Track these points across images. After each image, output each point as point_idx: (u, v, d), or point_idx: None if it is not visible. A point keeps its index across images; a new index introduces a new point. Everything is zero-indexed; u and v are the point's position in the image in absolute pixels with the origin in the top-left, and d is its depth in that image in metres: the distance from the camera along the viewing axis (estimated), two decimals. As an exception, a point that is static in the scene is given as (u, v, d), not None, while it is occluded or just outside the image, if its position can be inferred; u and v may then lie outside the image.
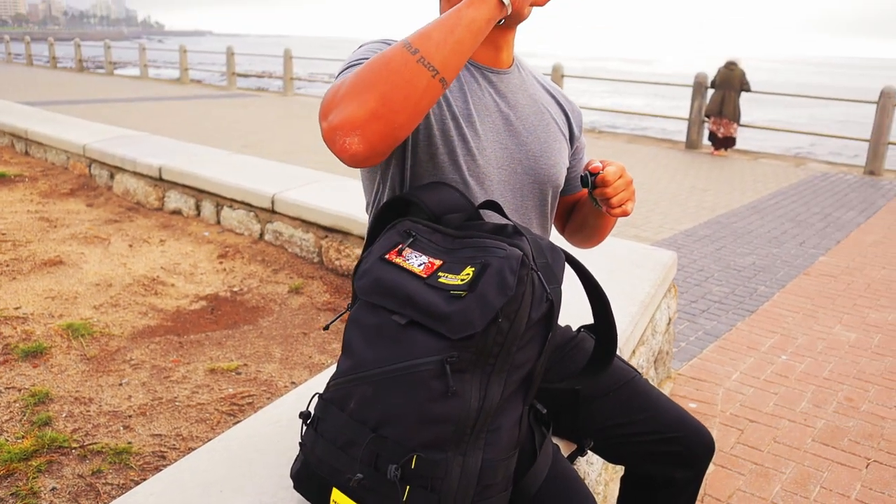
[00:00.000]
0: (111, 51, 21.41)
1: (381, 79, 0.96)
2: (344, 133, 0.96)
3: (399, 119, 0.97)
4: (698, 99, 10.34)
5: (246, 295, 3.42)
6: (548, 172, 1.35)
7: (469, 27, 1.01)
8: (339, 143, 0.96)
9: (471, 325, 0.96)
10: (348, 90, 0.97)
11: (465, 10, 1.01)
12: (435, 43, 0.98)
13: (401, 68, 0.96)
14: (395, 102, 0.96)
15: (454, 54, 0.99)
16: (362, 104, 0.95)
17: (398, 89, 0.96)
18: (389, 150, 1.00)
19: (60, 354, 2.70)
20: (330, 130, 0.97)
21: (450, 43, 0.99)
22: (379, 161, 1.02)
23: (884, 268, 4.83)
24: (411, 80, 0.96)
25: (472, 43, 1.02)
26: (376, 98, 0.95)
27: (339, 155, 0.98)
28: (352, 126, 0.95)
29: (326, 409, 1.07)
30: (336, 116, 0.96)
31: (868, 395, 3.00)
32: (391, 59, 0.97)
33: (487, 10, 1.02)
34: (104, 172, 5.21)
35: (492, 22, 1.04)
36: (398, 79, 0.96)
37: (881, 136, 8.40)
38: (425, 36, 0.99)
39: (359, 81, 0.97)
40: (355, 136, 0.95)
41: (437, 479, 0.98)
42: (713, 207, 6.57)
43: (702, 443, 1.42)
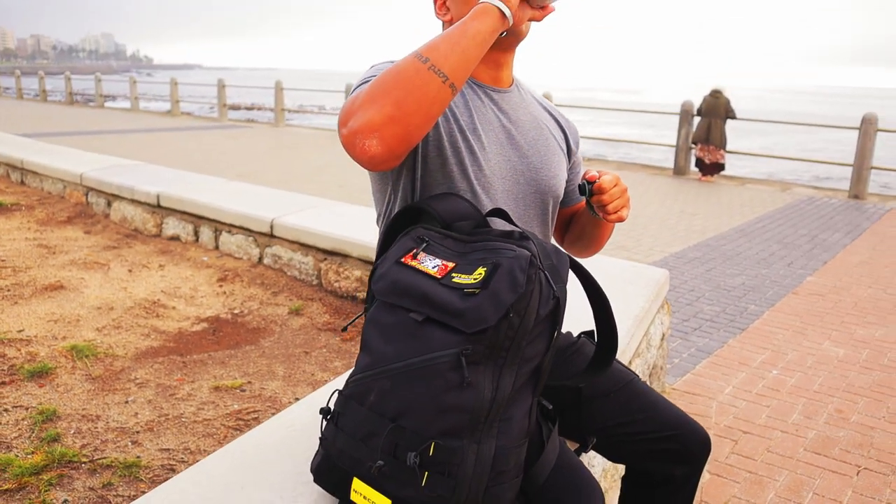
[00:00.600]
0: (102, 83, 21.56)
1: (395, 86, 1.05)
2: (364, 136, 1.04)
3: (414, 122, 1.05)
4: (685, 126, 10.53)
5: (247, 317, 3.47)
6: (548, 183, 1.43)
7: (474, 38, 1.10)
8: (359, 146, 1.04)
9: (484, 319, 1.03)
10: (366, 98, 1.06)
11: (470, 23, 1.11)
12: (443, 52, 1.08)
13: (413, 76, 1.05)
14: (409, 106, 1.04)
15: (461, 62, 1.09)
16: (380, 109, 1.04)
17: (412, 94, 1.05)
18: (405, 153, 1.09)
19: (65, 374, 2.74)
20: (350, 135, 1.05)
21: (457, 52, 1.08)
22: (395, 164, 1.10)
23: (870, 287, 4.93)
24: (423, 86, 1.05)
25: (478, 52, 1.11)
26: (392, 103, 1.04)
27: (360, 157, 1.06)
28: (370, 129, 1.04)
29: (346, 404, 1.14)
30: (356, 122, 1.05)
31: (857, 406, 3.07)
32: (404, 68, 1.07)
33: (491, 23, 1.12)
34: (101, 200, 5.26)
35: (495, 33, 1.13)
36: (411, 85, 1.05)
37: (864, 161, 8.59)
38: (434, 47, 1.09)
39: (375, 89, 1.06)
40: (374, 139, 1.04)
41: (453, 465, 1.04)
42: (702, 231, 6.69)
43: (698, 440, 1.49)
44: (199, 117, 19.37)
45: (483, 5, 1.13)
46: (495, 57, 1.36)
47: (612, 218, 1.34)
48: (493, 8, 1.13)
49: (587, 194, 1.32)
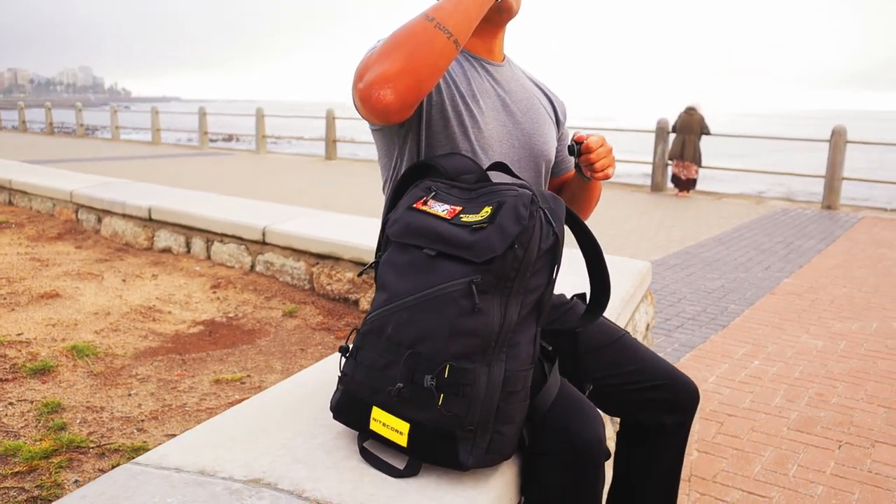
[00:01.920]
0: (82, 113, 21.57)
1: (405, 41, 1.18)
2: (379, 86, 1.15)
3: (423, 73, 1.17)
4: (661, 143, 10.78)
5: (241, 320, 3.53)
6: (541, 148, 1.55)
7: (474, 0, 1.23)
8: (374, 96, 1.16)
9: (492, 249, 1.14)
10: (379, 54, 1.18)
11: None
12: (447, 12, 1.21)
13: (421, 32, 1.18)
14: (419, 59, 1.17)
15: (464, 20, 1.22)
16: (393, 62, 1.16)
17: (421, 48, 1.17)
18: (416, 103, 1.20)
19: (67, 372, 2.78)
20: (366, 88, 1.17)
21: (460, 11, 1.22)
22: (407, 114, 1.22)
23: (845, 286, 5.10)
24: (431, 41, 1.18)
25: (477, 13, 1.25)
26: (404, 56, 1.16)
27: (375, 106, 1.17)
28: (385, 80, 1.15)
29: (365, 339, 1.23)
30: (371, 75, 1.17)
31: (837, 390, 3.19)
32: (413, 26, 1.19)
33: None
34: (92, 217, 5.31)
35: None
36: (420, 40, 1.18)
37: (835, 172, 8.85)
38: (439, 7, 1.22)
39: (387, 46, 1.18)
40: (388, 89, 1.15)
41: (466, 385, 1.13)
42: (681, 240, 6.86)
43: (687, 389, 1.59)
44: (181, 146, 19.42)
45: None
46: (489, 31, 1.49)
47: (599, 175, 1.46)
48: None
49: (576, 154, 1.44)
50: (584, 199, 1.64)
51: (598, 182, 1.63)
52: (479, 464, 1.15)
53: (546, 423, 1.24)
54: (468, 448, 1.14)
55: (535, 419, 1.24)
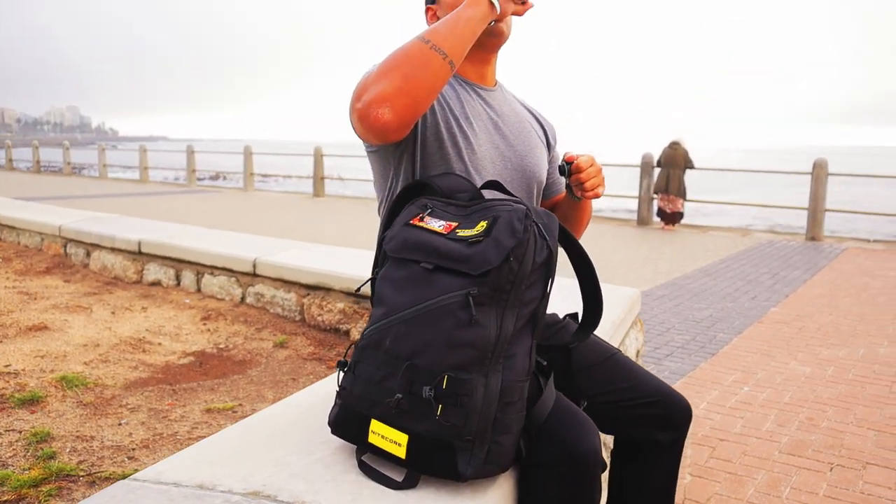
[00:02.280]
0: (69, 152, 21.58)
1: (402, 62, 1.22)
2: (377, 106, 1.19)
3: (420, 93, 1.21)
4: (646, 178, 10.92)
5: (232, 350, 3.52)
6: (532, 170, 1.59)
7: (468, 23, 1.28)
8: (373, 115, 1.19)
9: (488, 261, 1.16)
10: (377, 75, 1.22)
11: (464, 10, 1.30)
12: (442, 34, 1.26)
13: (418, 54, 1.23)
14: (415, 80, 1.21)
15: (458, 43, 1.26)
16: (391, 82, 1.20)
17: (418, 69, 1.21)
18: (412, 122, 1.24)
19: (56, 402, 2.76)
20: (364, 107, 1.21)
21: (454, 34, 1.26)
22: (404, 133, 1.25)
23: (831, 315, 5.15)
24: (427, 63, 1.22)
25: (471, 36, 1.29)
26: (401, 77, 1.20)
27: (374, 125, 1.20)
28: (383, 99, 1.19)
29: (363, 353, 1.24)
30: (369, 95, 1.20)
31: (826, 415, 3.21)
32: (409, 48, 1.24)
33: (482, 10, 1.31)
34: (80, 251, 5.30)
35: (485, 20, 1.31)
36: (416, 61, 1.22)
37: (818, 204, 8.99)
38: (434, 30, 1.26)
39: (384, 67, 1.22)
40: (386, 108, 1.19)
41: (464, 396, 1.14)
42: (668, 272, 6.91)
43: (680, 407, 1.60)
44: (169, 183, 19.45)
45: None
46: (481, 56, 1.54)
47: (589, 195, 1.50)
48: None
49: (566, 174, 1.48)
50: (576, 220, 1.68)
51: (588, 202, 1.66)
52: (477, 474, 1.16)
53: (542, 434, 1.25)
54: (466, 458, 1.15)
55: (532, 431, 1.25)
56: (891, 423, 3.10)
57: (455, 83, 1.54)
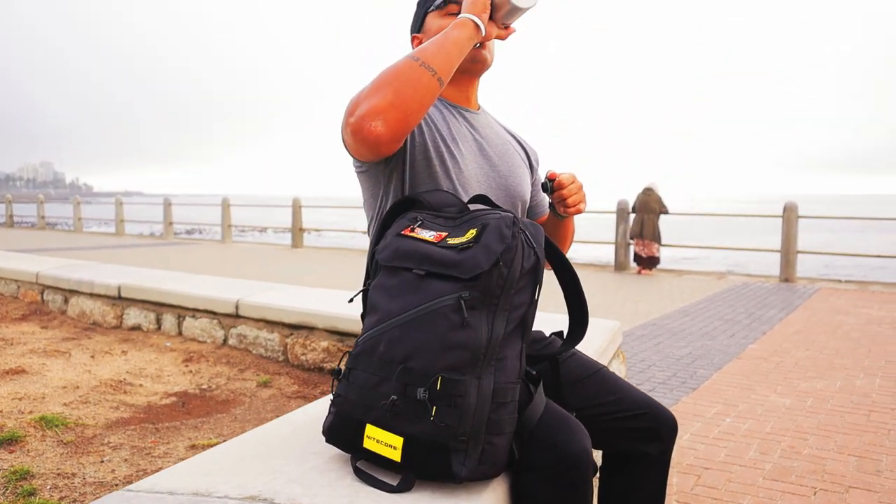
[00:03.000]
0: (43, 205, 21.43)
1: (394, 79, 1.28)
2: (370, 119, 1.25)
3: (411, 107, 1.27)
4: (622, 223, 11.10)
5: (215, 391, 3.49)
6: (516, 189, 1.65)
7: (455, 42, 1.36)
8: (366, 127, 1.25)
9: (479, 265, 1.20)
10: (369, 91, 1.28)
11: (451, 31, 1.37)
12: (431, 53, 1.33)
13: (408, 70, 1.29)
14: (407, 94, 1.27)
15: (446, 60, 1.33)
16: (383, 97, 1.26)
17: (408, 85, 1.28)
18: (404, 136, 1.30)
19: (36, 441, 2.71)
20: (357, 121, 1.26)
21: (442, 52, 1.33)
22: (395, 147, 1.31)
23: (808, 350, 5.23)
24: (417, 79, 1.28)
25: (458, 54, 1.36)
26: (393, 92, 1.26)
27: (367, 138, 1.26)
28: (376, 112, 1.25)
29: (357, 360, 1.27)
30: (362, 109, 1.26)
31: (808, 443, 3.24)
32: (400, 65, 1.30)
33: (468, 31, 1.38)
34: (58, 297, 5.25)
35: (471, 41, 1.39)
36: (407, 78, 1.28)
37: (790, 246, 9.18)
38: (423, 49, 1.34)
39: (376, 84, 1.28)
40: (378, 121, 1.25)
41: (458, 396, 1.17)
42: (647, 313, 6.99)
43: (665, 418, 1.64)
44: (146, 236, 19.34)
45: (461, 18, 1.39)
46: (465, 81, 1.62)
47: (571, 211, 1.56)
48: (470, 21, 1.39)
49: (549, 191, 1.54)
50: (560, 238, 1.73)
51: (571, 220, 1.72)
52: (471, 475, 1.18)
53: (534, 438, 1.28)
54: (461, 459, 1.17)
55: (524, 434, 1.28)
56: (871, 449, 3.14)
57: (441, 106, 1.60)
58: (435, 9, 1.60)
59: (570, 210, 1.56)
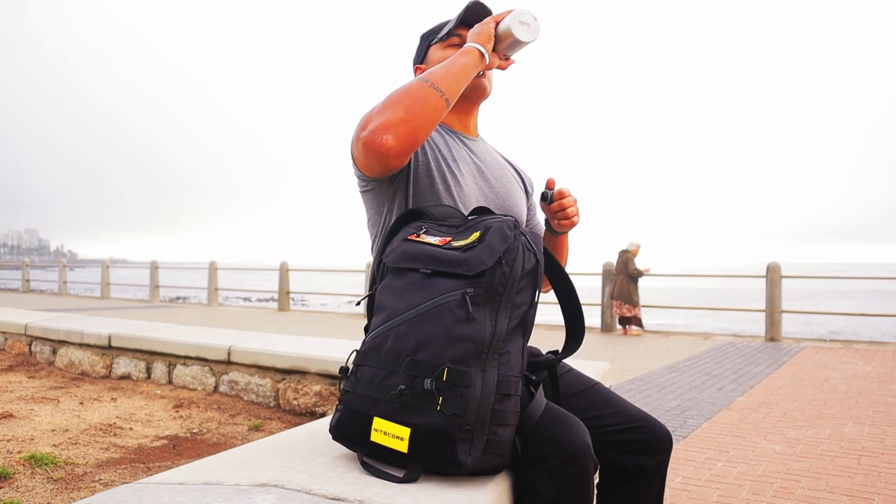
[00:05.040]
0: (28, 268, 21.31)
1: (405, 97, 1.38)
2: (381, 133, 1.34)
3: (420, 123, 1.36)
4: (608, 285, 11.21)
5: (206, 434, 3.47)
6: (513, 211, 1.73)
7: (462, 67, 1.46)
8: (377, 140, 1.34)
9: (483, 262, 1.27)
10: (381, 108, 1.37)
11: (458, 58, 1.48)
12: (440, 76, 1.43)
13: (418, 90, 1.39)
14: (416, 111, 1.36)
15: (453, 83, 1.44)
16: (394, 113, 1.35)
17: (418, 103, 1.37)
18: (411, 151, 1.39)
19: (25, 479, 2.68)
20: (370, 134, 1.36)
21: (450, 76, 1.44)
22: (403, 161, 1.40)
23: (795, 401, 5.27)
24: (426, 97, 1.38)
25: (464, 78, 1.46)
26: (404, 109, 1.35)
27: (378, 150, 1.35)
28: (387, 127, 1.34)
29: (365, 356, 1.32)
30: (374, 123, 1.36)
31: (800, 484, 3.26)
32: (410, 86, 1.40)
33: (473, 58, 1.49)
34: (46, 348, 5.22)
35: (476, 68, 1.49)
36: (417, 97, 1.38)
37: (774, 306, 9.30)
38: (433, 72, 1.44)
39: (388, 101, 1.38)
40: (390, 135, 1.34)
41: (464, 387, 1.22)
42: (634, 370, 7.01)
43: (660, 431, 1.68)
44: (132, 300, 19.22)
45: (467, 46, 1.50)
46: (465, 108, 1.72)
47: (566, 224, 1.64)
48: (475, 50, 1.50)
49: (549, 200, 1.63)
50: (557, 252, 1.80)
51: (565, 239, 1.80)
52: (476, 464, 1.22)
53: (536, 433, 1.32)
54: (466, 448, 1.21)
55: (526, 430, 1.32)
56: (862, 489, 3.16)
57: (442, 131, 1.70)
58: (438, 41, 1.71)
59: (565, 224, 1.64)
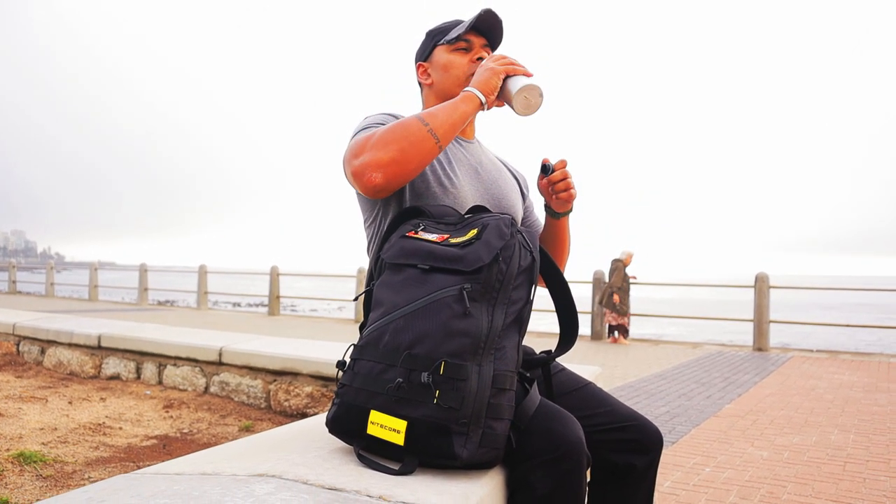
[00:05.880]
0: (14, 270, 21.16)
1: (401, 138, 1.42)
2: (371, 169, 1.39)
3: (410, 166, 1.42)
4: (598, 294, 11.25)
5: (196, 435, 3.46)
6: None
7: (462, 116, 1.50)
8: (366, 176, 1.40)
9: (480, 258, 1.29)
10: (378, 142, 1.41)
11: (459, 105, 1.51)
12: (440, 122, 1.46)
13: (416, 133, 1.43)
14: (409, 154, 1.40)
15: (450, 130, 1.48)
16: (388, 152, 1.39)
17: (413, 146, 1.41)
18: (398, 188, 1.45)
19: (14, 476, 2.67)
20: (360, 167, 1.41)
21: (448, 123, 1.47)
22: (387, 195, 1.44)
23: (782, 409, 5.31)
24: (422, 142, 1.42)
25: (461, 125, 1.52)
26: (397, 150, 1.39)
27: (365, 185, 1.41)
28: (378, 165, 1.38)
29: (363, 350, 1.33)
30: (366, 157, 1.41)
31: (786, 489, 3.29)
32: (409, 125, 1.44)
33: (474, 107, 1.53)
34: (34, 348, 5.20)
35: (475, 113, 1.54)
36: (414, 139, 1.42)
37: (762, 315, 9.37)
38: (433, 116, 1.47)
39: (386, 137, 1.42)
40: (379, 173, 1.39)
41: (460, 381, 1.24)
42: (624, 377, 7.04)
43: (652, 431, 1.70)
44: (120, 302, 19.11)
45: (471, 93, 1.53)
46: None
47: (565, 196, 1.68)
48: (477, 99, 1.52)
49: (549, 171, 1.65)
50: (559, 240, 1.80)
51: (566, 223, 1.80)
52: (472, 457, 1.23)
53: (530, 428, 1.34)
54: (462, 441, 1.23)
55: (521, 425, 1.33)
56: (848, 495, 3.19)
57: None
58: (445, 43, 1.72)
59: (564, 196, 1.66)
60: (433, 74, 1.73)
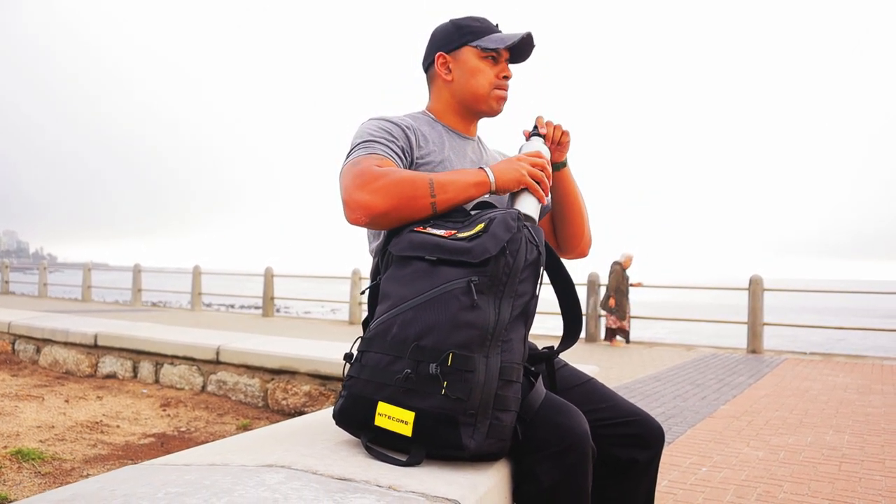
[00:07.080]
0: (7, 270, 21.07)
1: (403, 195, 1.43)
2: (361, 212, 1.42)
3: (400, 218, 1.44)
4: (593, 295, 11.28)
5: (194, 433, 3.46)
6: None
7: (468, 197, 1.50)
8: (356, 213, 1.43)
9: (487, 251, 1.30)
10: (382, 188, 1.42)
11: (472, 188, 1.50)
12: (447, 197, 1.46)
13: (418, 198, 1.44)
14: (402, 212, 1.43)
15: (452, 204, 1.48)
16: (383, 203, 1.41)
17: (409, 207, 1.43)
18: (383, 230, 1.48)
19: (12, 473, 2.67)
20: (352, 204, 1.43)
21: (454, 200, 1.47)
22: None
23: (777, 410, 5.33)
24: (420, 210, 1.44)
25: (464, 202, 1.50)
26: (394, 205, 1.42)
27: (350, 217, 1.45)
28: (369, 212, 1.42)
29: (371, 342, 1.34)
30: (361, 197, 1.42)
31: (782, 488, 3.30)
32: (414, 181, 1.44)
33: (483, 190, 1.52)
34: (30, 347, 5.18)
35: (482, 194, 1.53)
36: (413, 201, 1.43)
37: (756, 318, 9.41)
38: (443, 184, 1.46)
39: (391, 189, 1.42)
40: (368, 218, 1.43)
41: (468, 372, 1.25)
42: (618, 378, 7.06)
43: (653, 426, 1.71)
44: (113, 303, 19.05)
45: (486, 182, 1.51)
46: (469, 118, 1.77)
47: (566, 139, 1.70)
48: (489, 186, 1.51)
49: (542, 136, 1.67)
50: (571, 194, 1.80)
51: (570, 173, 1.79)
52: (479, 448, 1.24)
53: (536, 420, 1.35)
54: (469, 432, 1.24)
55: (527, 417, 1.34)
56: (844, 494, 3.21)
57: (444, 130, 1.73)
58: (477, 47, 1.72)
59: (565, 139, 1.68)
60: (455, 72, 1.73)
